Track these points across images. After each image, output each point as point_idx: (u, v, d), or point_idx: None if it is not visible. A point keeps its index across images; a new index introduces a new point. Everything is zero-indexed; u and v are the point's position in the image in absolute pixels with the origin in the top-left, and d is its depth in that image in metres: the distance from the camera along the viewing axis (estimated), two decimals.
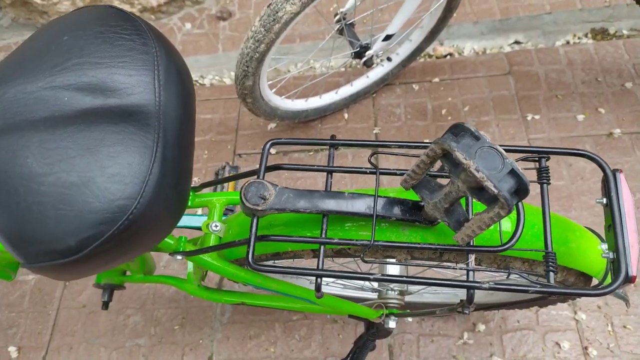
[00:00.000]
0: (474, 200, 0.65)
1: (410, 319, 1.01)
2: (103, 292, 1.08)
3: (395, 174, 0.67)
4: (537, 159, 0.66)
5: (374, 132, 1.68)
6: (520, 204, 0.61)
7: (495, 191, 0.49)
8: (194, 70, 1.97)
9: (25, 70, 0.57)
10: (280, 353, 1.35)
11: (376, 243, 0.62)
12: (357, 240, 0.62)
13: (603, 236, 0.74)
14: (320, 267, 0.62)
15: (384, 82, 1.74)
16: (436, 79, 1.77)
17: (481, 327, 1.31)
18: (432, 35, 1.62)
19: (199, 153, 1.73)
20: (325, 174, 0.70)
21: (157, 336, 1.41)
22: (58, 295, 1.50)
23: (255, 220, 0.64)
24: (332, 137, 0.70)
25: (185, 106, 0.59)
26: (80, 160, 0.51)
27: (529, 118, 1.63)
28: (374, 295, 1.16)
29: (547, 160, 0.65)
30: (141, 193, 0.51)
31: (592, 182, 1.49)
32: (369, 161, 0.67)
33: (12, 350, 1.42)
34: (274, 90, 1.53)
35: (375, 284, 1.04)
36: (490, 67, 1.77)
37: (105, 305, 1.07)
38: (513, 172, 0.50)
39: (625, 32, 1.79)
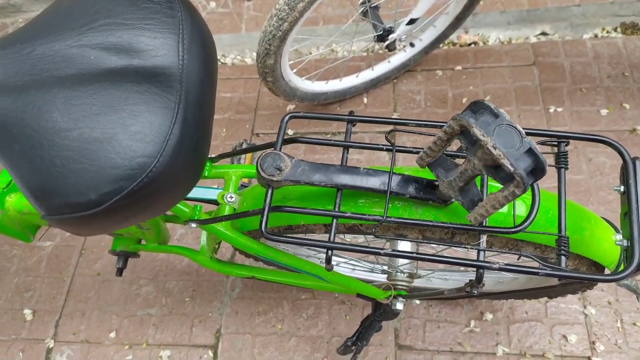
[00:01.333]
0: (489, 181, 0.65)
1: (418, 301, 1.01)
2: (118, 259, 1.10)
3: (412, 152, 0.67)
4: (556, 143, 0.65)
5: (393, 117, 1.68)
6: (536, 187, 0.61)
7: (512, 169, 0.49)
8: (216, 49, 1.97)
9: (53, 28, 0.58)
10: (287, 330, 1.36)
11: (388, 219, 0.62)
12: (369, 215, 0.63)
13: (618, 227, 0.74)
14: (331, 239, 0.63)
15: (406, 68, 1.73)
16: (459, 67, 1.75)
17: (489, 316, 1.31)
18: (457, 22, 1.60)
19: (217, 131, 1.74)
20: (341, 150, 0.70)
21: (167, 307, 1.43)
22: (74, 262, 1.53)
23: (270, 191, 0.65)
24: (351, 112, 0.70)
25: (207, 70, 0.60)
26: (103, 117, 0.53)
27: (552, 110, 1.61)
28: (383, 278, 1.16)
29: (566, 145, 0.65)
30: (161, 152, 0.52)
31: (612, 178, 1.46)
32: (386, 138, 0.67)
33: (28, 312, 1.46)
34: (295, 70, 1.53)
35: (385, 266, 1.05)
36: (515, 57, 1.74)
37: (119, 272, 1.09)
38: (530, 152, 0.49)
39: None
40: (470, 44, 1.84)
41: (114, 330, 1.41)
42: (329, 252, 0.63)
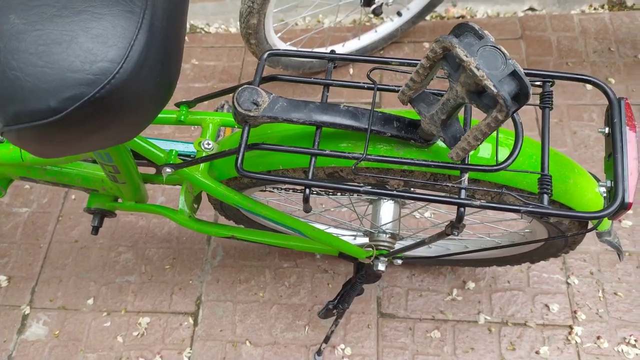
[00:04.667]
0: (471, 120, 0.63)
1: (400, 262, 1.00)
2: (93, 217, 1.07)
3: (394, 91, 0.65)
4: (540, 83, 0.64)
5: None
6: (520, 125, 0.59)
7: (495, 90, 0.47)
8: (200, 18, 1.93)
9: None
10: (269, 298, 1.35)
11: (368, 157, 0.60)
12: (349, 153, 0.61)
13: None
14: (310, 177, 0.61)
15: (392, 39, 1.71)
16: None
17: (471, 285, 1.31)
18: None
19: None
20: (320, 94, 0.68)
21: (147, 274, 1.41)
22: (51, 229, 1.50)
23: (246, 128, 0.62)
24: (332, 51, 0.68)
25: None
26: (63, 19, 0.49)
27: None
28: (365, 240, 1.15)
29: (551, 85, 0.63)
30: (125, 57, 0.49)
31: (595, 151, 1.46)
32: (368, 76, 0.65)
33: (3, 279, 1.42)
34: (279, 34, 1.50)
35: (367, 227, 1.03)
36: (503, 30, 1.73)
37: (95, 230, 1.06)
38: (515, 74, 0.48)
39: None
40: (457, 18, 1.82)
41: (91, 297, 1.38)
42: (307, 190, 0.61)
